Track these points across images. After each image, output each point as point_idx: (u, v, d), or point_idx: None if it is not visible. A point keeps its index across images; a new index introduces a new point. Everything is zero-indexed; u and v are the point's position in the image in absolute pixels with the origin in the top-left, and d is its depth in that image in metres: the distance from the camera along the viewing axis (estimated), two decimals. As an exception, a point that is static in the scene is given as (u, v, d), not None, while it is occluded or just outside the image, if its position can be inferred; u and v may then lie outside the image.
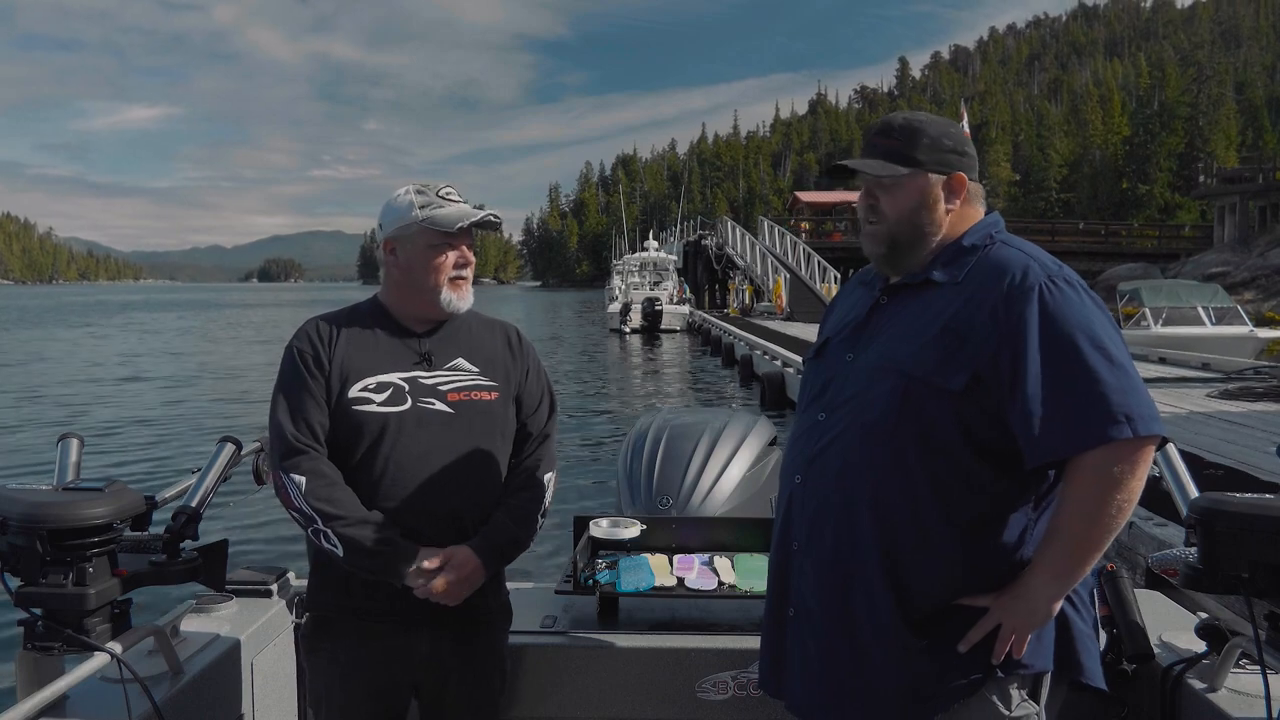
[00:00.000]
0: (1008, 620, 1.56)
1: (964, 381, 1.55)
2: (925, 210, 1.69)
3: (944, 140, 1.69)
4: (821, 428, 1.69)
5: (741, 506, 3.50)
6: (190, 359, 28.72)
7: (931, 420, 1.56)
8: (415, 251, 2.02)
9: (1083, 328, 1.52)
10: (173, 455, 11.85)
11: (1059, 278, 1.57)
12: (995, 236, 1.69)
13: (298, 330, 2.05)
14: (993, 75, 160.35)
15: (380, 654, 1.97)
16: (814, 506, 1.67)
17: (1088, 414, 1.48)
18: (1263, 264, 36.39)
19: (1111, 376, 1.49)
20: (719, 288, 47.90)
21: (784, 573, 1.74)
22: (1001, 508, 1.60)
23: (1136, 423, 1.47)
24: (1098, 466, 1.49)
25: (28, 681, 1.76)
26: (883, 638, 1.59)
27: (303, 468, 1.90)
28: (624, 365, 26.72)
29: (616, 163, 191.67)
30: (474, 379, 2.06)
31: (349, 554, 1.87)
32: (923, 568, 1.59)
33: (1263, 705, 1.71)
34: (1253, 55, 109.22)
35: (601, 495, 9.22)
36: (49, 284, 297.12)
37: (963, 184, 1.70)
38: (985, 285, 1.59)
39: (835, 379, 1.72)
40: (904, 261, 1.72)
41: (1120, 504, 1.50)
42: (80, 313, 66.77)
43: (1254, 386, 11.72)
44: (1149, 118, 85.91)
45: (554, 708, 2.36)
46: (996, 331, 1.54)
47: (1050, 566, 1.55)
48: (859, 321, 1.75)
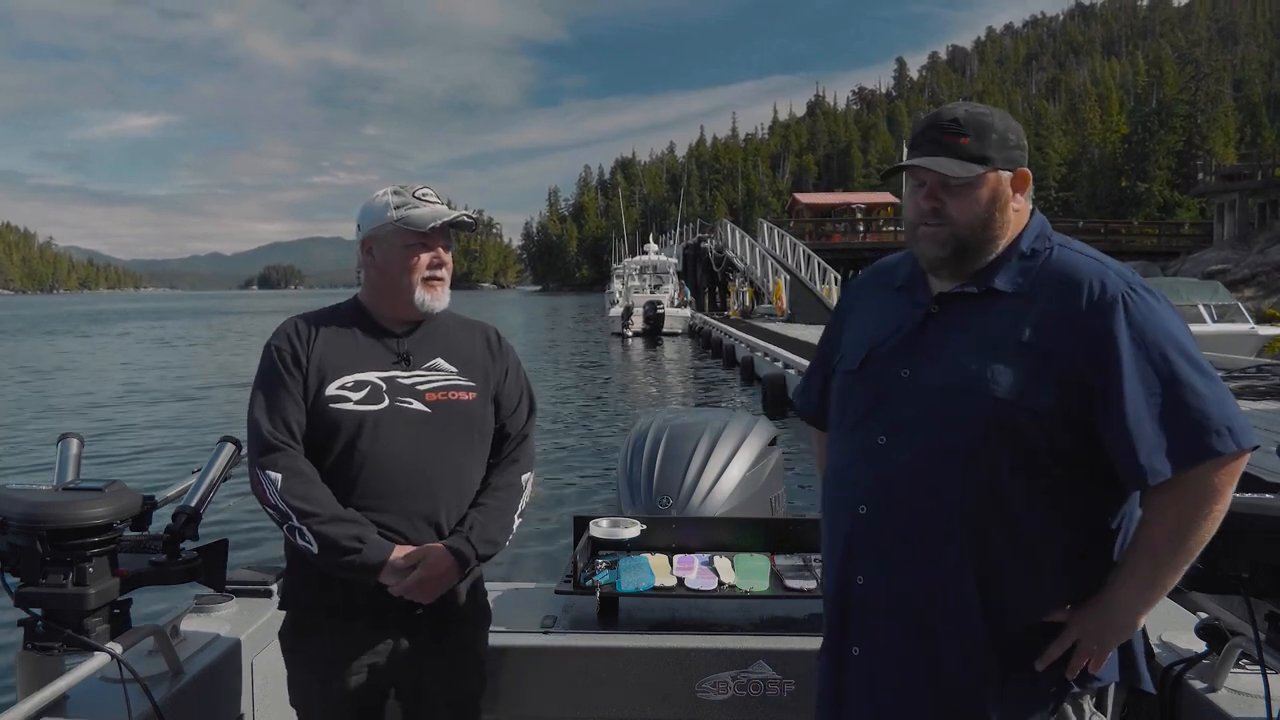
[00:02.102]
0: (1088, 636, 1.51)
1: (1051, 400, 1.47)
2: (998, 211, 1.58)
3: (1010, 134, 1.59)
4: (884, 452, 1.58)
5: (741, 506, 3.51)
6: (190, 361, 28.74)
7: (1023, 441, 1.48)
8: (390, 251, 2.04)
9: (1172, 340, 1.46)
10: (173, 455, 11.87)
11: (1139, 286, 1.50)
12: (1051, 239, 1.60)
13: (276, 329, 2.06)
14: (990, 75, 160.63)
15: (358, 652, 1.97)
16: (890, 539, 1.57)
17: (1191, 431, 1.43)
18: (1263, 261, 36.36)
19: (1207, 389, 1.44)
20: (719, 290, 47.89)
21: (845, 608, 1.64)
22: (1096, 523, 1.55)
23: (1239, 435, 1.43)
24: (1200, 481, 1.45)
25: (28, 681, 1.76)
26: (970, 667, 1.53)
27: (279, 464, 1.90)
28: (626, 368, 26.71)
29: (615, 166, 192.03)
30: (452, 379, 2.06)
31: (323, 552, 1.87)
32: (1022, 592, 1.52)
33: (1263, 705, 1.71)
34: (1250, 52, 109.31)
35: (601, 495, 9.23)
36: (49, 293, 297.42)
37: (1027, 180, 1.61)
38: (1061, 296, 1.51)
39: (890, 397, 1.60)
40: (966, 266, 1.60)
41: (1217, 515, 1.46)
42: (79, 322, 66.81)
43: (1257, 384, 11.70)
44: (1147, 116, 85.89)
45: (554, 708, 2.36)
46: (1083, 348, 1.47)
47: (1139, 580, 1.50)
48: (909, 333, 1.63)
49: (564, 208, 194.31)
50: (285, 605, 2.06)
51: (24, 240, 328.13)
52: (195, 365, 28.24)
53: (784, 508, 4.00)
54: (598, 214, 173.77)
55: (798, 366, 15.30)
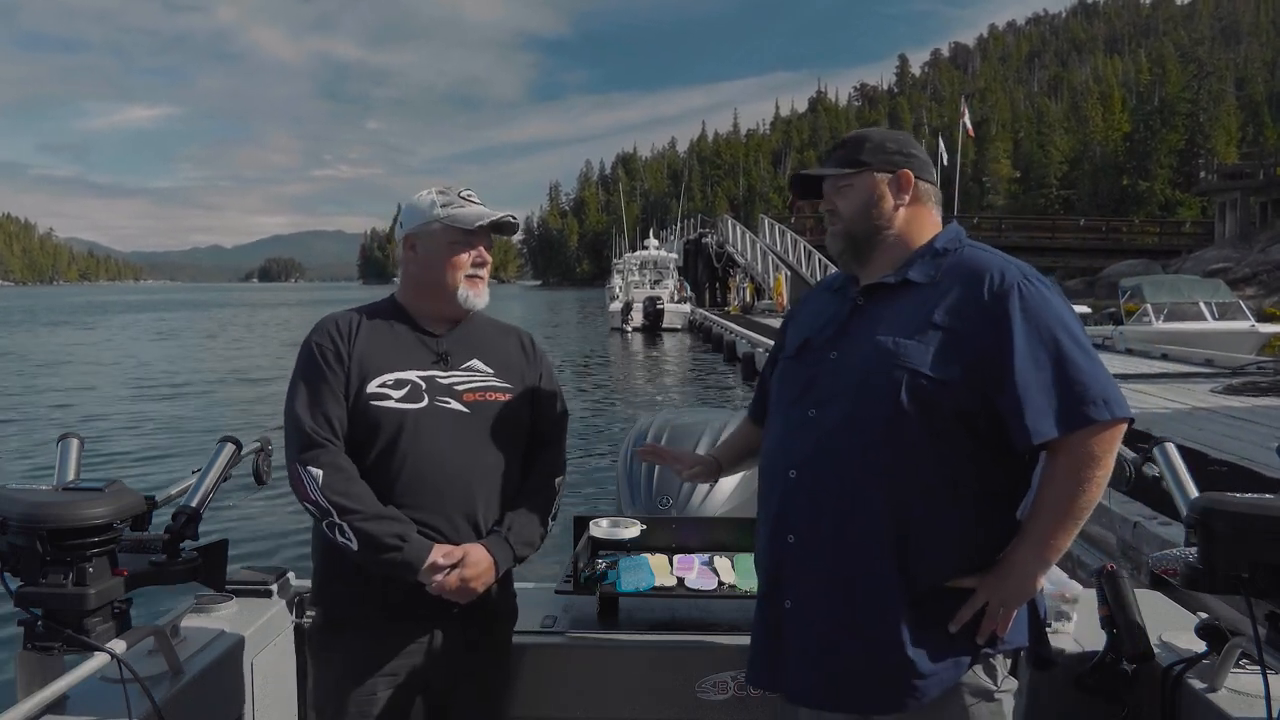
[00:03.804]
0: (995, 598, 1.67)
1: (958, 373, 1.65)
2: (874, 206, 1.83)
3: (888, 143, 1.85)
4: (814, 423, 1.77)
5: (741, 506, 3.51)
6: (190, 359, 28.73)
7: (934, 409, 1.66)
8: (435, 248, 2.08)
9: (1060, 323, 1.66)
10: (173, 455, 11.86)
11: (1033, 277, 1.72)
12: (964, 242, 1.83)
13: (316, 325, 2.08)
14: (993, 72, 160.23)
15: (392, 650, 1.99)
16: (816, 498, 1.73)
17: (1072, 399, 1.62)
18: (1264, 259, 36.36)
19: (1088, 366, 1.64)
20: (719, 286, 47.91)
21: (778, 566, 1.79)
22: (998, 490, 1.72)
23: (1113, 405, 1.63)
24: (1080, 445, 1.62)
25: (28, 681, 1.76)
26: (886, 620, 1.67)
27: (321, 461, 1.91)
28: (626, 364, 26.73)
29: (617, 161, 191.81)
30: (489, 380, 2.09)
31: (364, 549, 1.88)
32: (932, 550, 1.68)
33: (1263, 705, 1.71)
34: (1253, 51, 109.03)
35: (601, 495, 9.23)
36: (49, 285, 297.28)
37: (909, 180, 1.83)
38: (967, 283, 1.72)
39: (820, 377, 1.80)
40: (863, 257, 1.85)
41: (1099, 479, 1.64)
42: (78, 313, 66.76)
43: (1258, 381, 11.72)
44: (1149, 114, 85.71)
45: (554, 708, 2.36)
46: (984, 327, 1.67)
47: (1035, 543, 1.67)
48: (840, 322, 1.84)
49: (565, 202, 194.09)
50: (316, 603, 2.08)
51: (24, 231, 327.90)
52: (196, 361, 28.24)
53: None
54: (599, 209, 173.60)
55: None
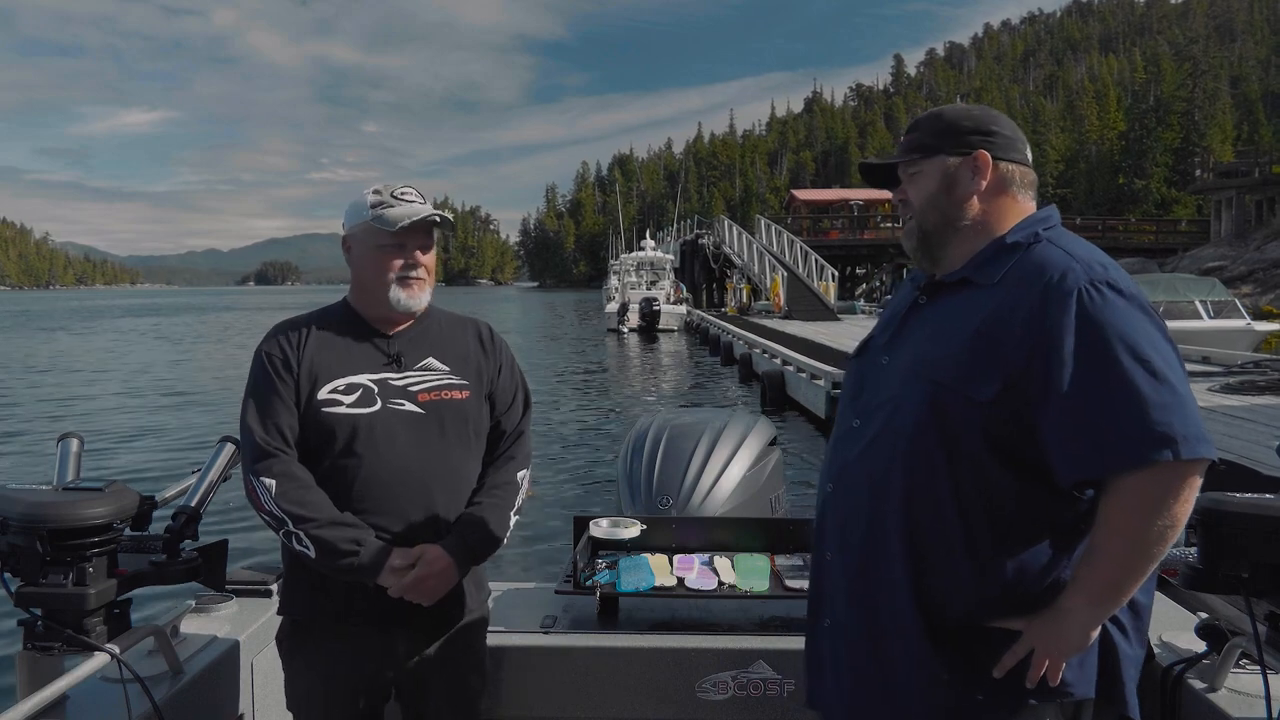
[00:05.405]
0: (1041, 645, 1.47)
1: (994, 391, 1.45)
2: (946, 194, 1.61)
3: (963, 122, 1.62)
4: (856, 434, 1.63)
5: (741, 506, 3.51)
6: (190, 360, 28.69)
7: (958, 429, 1.47)
8: (365, 250, 2.05)
9: (1123, 337, 1.39)
10: (173, 455, 11.84)
11: (1102, 281, 1.44)
12: (1042, 234, 1.56)
13: (267, 333, 2.06)
14: (988, 72, 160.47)
15: (358, 655, 1.97)
16: (844, 514, 1.63)
17: (1124, 432, 1.37)
18: (1260, 258, 36.40)
19: (1153, 392, 1.36)
20: (716, 287, 47.92)
21: (818, 582, 1.70)
22: (1031, 523, 1.49)
23: (1179, 444, 1.34)
24: (1136, 489, 1.38)
25: (28, 681, 1.76)
26: (909, 654, 1.53)
27: (274, 471, 1.90)
28: (623, 365, 26.70)
29: (613, 162, 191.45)
30: (445, 378, 2.06)
31: (321, 556, 1.87)
32: (947, 580, 1.51)
33: (1263, 705, 1.72)
34: (1248, 49, 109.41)
35: (601, 495, 9.22)
36: (45, 289, 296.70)
37: (986, 162, 1.59)
38: (1022, 287, 1.48)
39: (870, 382, 1.66)
40: (938, 254, 1.64)
41: (1162, 530, 1.38)
42: (74, 318, 66.66)
43: (1256, 380, 11.72)
44: (1145, 113, 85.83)
45: (554, 708, 2.36)
46: (1030, 338, 1.44)
47: (1086, 591, 1.45)
48: (900, 322, 1.68)
49: (561, 204, 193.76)
50: (284, 610, 2.06)
51: (20, 236, 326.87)
52: (194, 363, 28.20)
53: (784, 508, 4.00)
54: (595, 210, 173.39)
55: (797, 363, 15.29)
